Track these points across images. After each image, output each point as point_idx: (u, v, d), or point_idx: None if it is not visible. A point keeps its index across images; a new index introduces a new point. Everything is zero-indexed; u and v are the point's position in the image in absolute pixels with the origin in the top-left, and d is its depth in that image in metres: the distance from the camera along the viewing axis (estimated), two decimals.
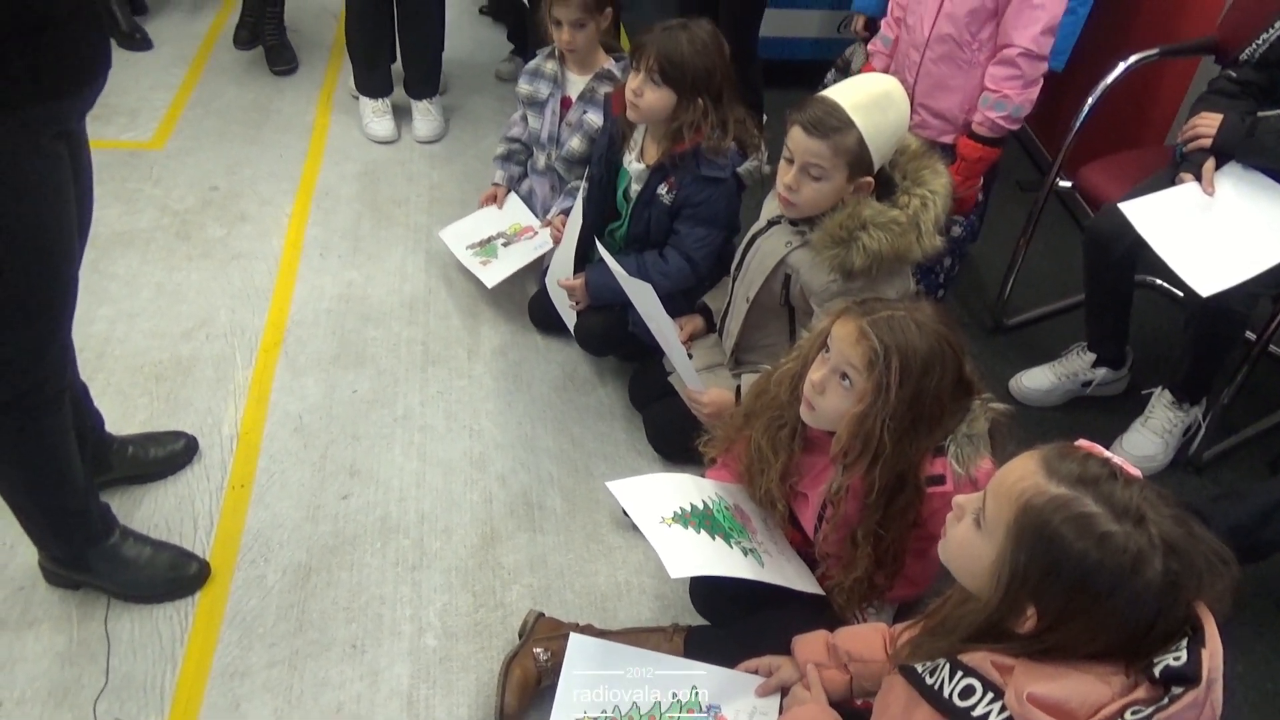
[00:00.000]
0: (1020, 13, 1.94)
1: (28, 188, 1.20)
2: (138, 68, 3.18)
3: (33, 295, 1.29)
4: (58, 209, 1.26)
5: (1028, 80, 1.99)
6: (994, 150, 2.07)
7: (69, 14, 1.15)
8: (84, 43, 1.21)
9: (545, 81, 2.36)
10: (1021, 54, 1.96)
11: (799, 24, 3.25)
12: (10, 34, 1.08)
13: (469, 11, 3.73)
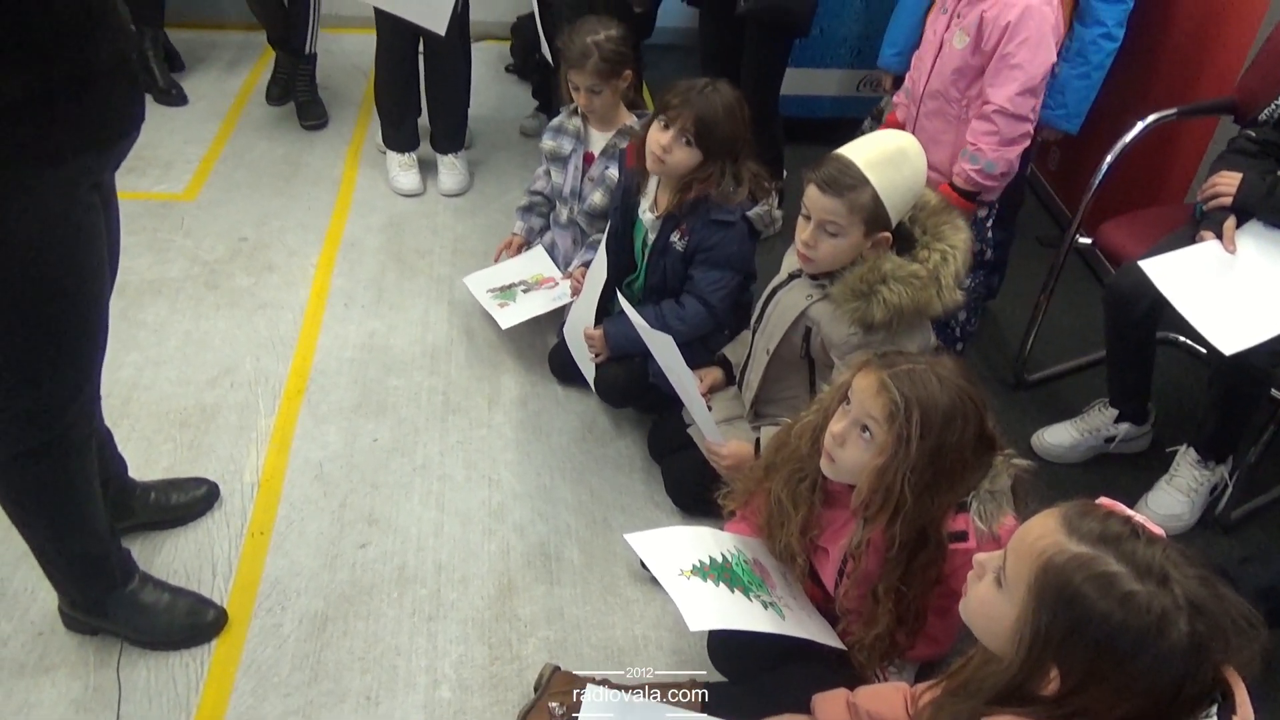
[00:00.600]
0: (999, 72, 1.96)
1: (68, 237, 1.24)
2: (173, 122, 3.27)
3: (67, 342, 1.32)
4: (93, 257, 1.30)
5: (1004, 138, 2.00)
6: (969, 204, 2.08)
7: (111, 68, 1.20)
8: (124, 96, 1.25)
9: (568, 137, 2.41)
10: (997, 111, 1.98)
11: (820, 82, 3.31)
12: (60, 88, 1.13)
13: (495, 69, 3.82)
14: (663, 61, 3.71)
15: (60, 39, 1.11)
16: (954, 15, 2.00)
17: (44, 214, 1.19)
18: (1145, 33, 2.61)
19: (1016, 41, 1.93)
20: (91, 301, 1.32)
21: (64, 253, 1.24)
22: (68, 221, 1.22)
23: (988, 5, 1.94)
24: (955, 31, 1.98)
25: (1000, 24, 1.92)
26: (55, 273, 1.24)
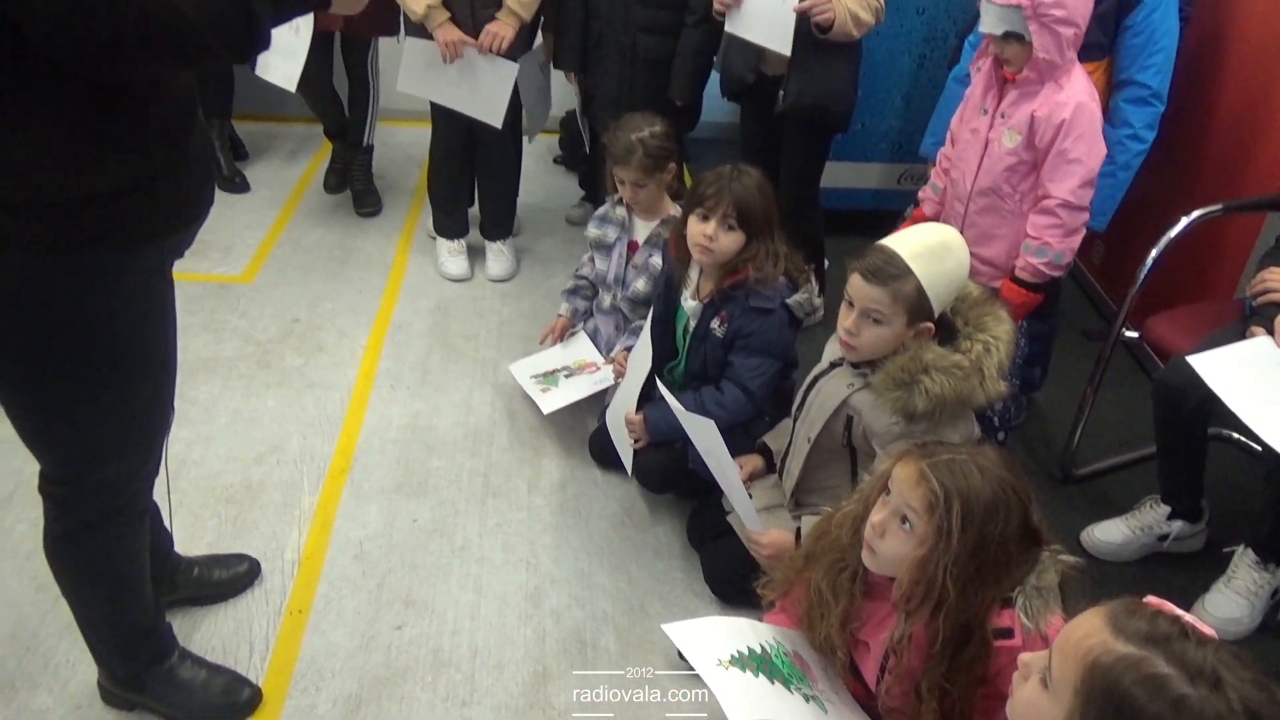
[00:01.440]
0: (1058, 167, 1.99)
1: (151, 313, 1.31)
2: (235, 208, 3.41)
3: (141, 416, 1.37)
4: (170, 333, 1.37)
5: (1068, 229, 2.03)
6: (1036, 295, 2.09)
7: (199, 152, 1.29)
8: (207, 181, 1.34)
9: (613, 226, 2.47)
10: (1060, 204, 2.00)
11: (861, 175, 3.36)
12: (161, 174, 1.21)
13: (543, 160, 3.95)
14: (706, 154, 3.80)
15: (166, 130, 1.20)
16: (997, 115, 2.04)
17: (132, 291, 1.26)
18: (1185, 128, 2.63)
19: (1073, 137, 1.96)
20: (166, 377, 1.39)
21: (146, 328, 1.31)
22: (151, 298, 1.30)
23: (1037, 105, 1.97)
24: (1003, 131, 2.02)
25: (1054, 122, 1.95)
26: (138, 347, 1.30)
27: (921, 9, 3.10)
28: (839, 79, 2.51)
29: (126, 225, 1.21)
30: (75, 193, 1.14)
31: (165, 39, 1.03)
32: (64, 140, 1.11)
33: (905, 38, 3.13)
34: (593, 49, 2.76)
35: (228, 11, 1.07)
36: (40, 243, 1.15)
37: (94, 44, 0.99)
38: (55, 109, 1.09)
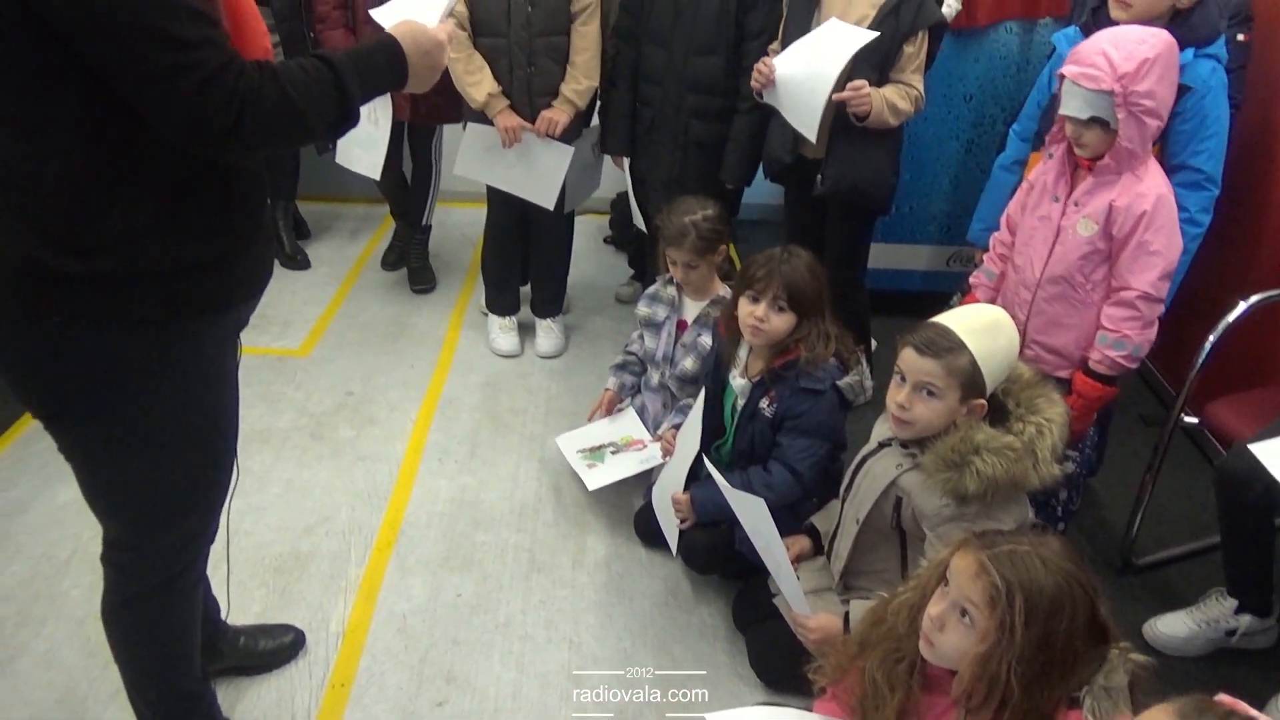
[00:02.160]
0: (1138, 258, 1.96)
1: (220, 381, 1.37)
2: (295, 284, 3.52)
3: (206, 482, 1.41)
4: (234, 402, 1.41)
5: (1146, 321, 1.99)
6: (1112, 388, 2.05)
7: (267, 229, 1.37)
8: (271, 254, 1.42)
9: (663, 305, 2.50)
10: (1140, 297, 1.97)
11: (908, 257, 3.38)
12: (237, 249, 1.27)
13: (594, 240, 4.03)
14: (754, 235, 3.85)
15: (245, 205, 1.28)
16: (1070, 203, 2.03)
17: (205, 360, 1.32)
18: (1241, 212, 2.61)
19: (1154, 229, 1.94)
20: (229, 445, 1.43)
21: (214, 397, 1.36)
22: (221, 367, 1.36)
23: (1116, 195, 1.95)
24: (1079, 219, 2.00)
25: (1135, 213, 1.93)
26: (205, 416, 1.36)
27: (969, 96, 3.14)
28: (877, 163, 2.54)
29: (206, 296, 1.27)
30: (164, 265, 1.20)
31: (275, 123, 1.12)
32: (160, 216, 1.18)
33: (953, 123, 3.17)
34: (644, 134, 2.83)
35: (326, 94, 1.16)
36: (126, 314, 1.21)
37: (215, 130, 1.08)
38: (156, 187, 1.17)
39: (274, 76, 1.12)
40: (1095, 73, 1.87)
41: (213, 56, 1.07)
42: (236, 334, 1.41)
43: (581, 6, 2.76)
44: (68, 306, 1.19)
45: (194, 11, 1.06)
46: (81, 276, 1.17)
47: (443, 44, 1.31)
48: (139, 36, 1.03)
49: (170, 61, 1.05)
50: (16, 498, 2.34)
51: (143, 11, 1.03)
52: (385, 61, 1.26)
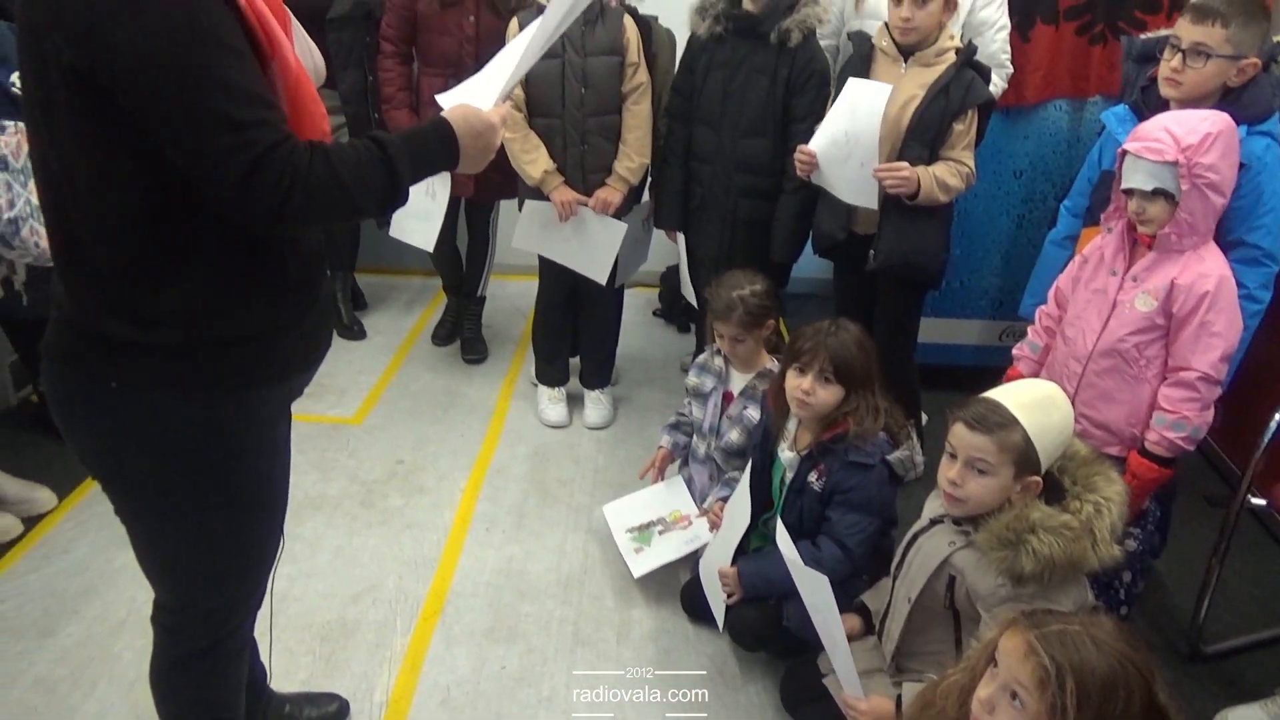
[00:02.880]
0: (1199, 339, 1.93)
1: (273, 448, 1.39)
2: (351, 354, 3.60)
3: (256, 546, 1.44)
4: (285, 470, 1.44)
5: (1205, 403, 1.95)
6: (1169, 470, 2.00)
7: (323, 301, 1.40)
8: (328, 325, 1.45)
9: (711, 376, 2.51)
10: (1200, 378, 1.93)
11: (960, 332, 3.35)
12: (291, 321, 1.31)
13: (643, 313, 4.07)
14: (803, 309, 3.86)
15: (300, 279, 1.31)
16: (1128, 277, 2.02)
17: (257, 429, 1.34)
18: None
19: (1215, 310, 1.91)
20: (281, 509, 1.45)
21: (265, 465, 1.38)
22: (273, 436, 1.38)
23: (1178, 272, 1.93)
24: (1137, 294, 1.98)
25: (1197, 292, 1.91)
26: (256, 483, 1.38)
27: (1019, 172, 3.15)
28: (930, 238, 2.55)
29: (259, 367, 1.30)
30: (218, 337, 1.24)
31: (324, 202, 1.15)
32: (216, 290, 1.22)
33: (1003, 199, 3.18)
34: (695, 211, 2.89)
35: (376, 174, 1.20)
36: (179, 383, 1.25)
37: (264, 209, 1.12)
38: (213, 262, 1.21)
39: (325, 156, 1.15)
40: (1159, 145, 1.88)
41: (265, 136, 1.10)
42: (289, 403, 1.44)
43: (632, 87, 2.84)
44: (124, 372, 1.24)
45: (251, 93, 1.10)
46: (139, 345, 1.22)
47: (495, 126, 1.33)
48: (196, 117, 1.08)
49: (225, 142, 1.08)
50: (76, 560, 2.39)
51: (201, 93, 1.07)
52: (438, 143, 1.28)
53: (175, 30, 1.06)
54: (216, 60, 1.08)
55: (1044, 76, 3.03)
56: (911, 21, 2.40)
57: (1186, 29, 2.06)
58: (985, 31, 2.71)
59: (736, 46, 2.68)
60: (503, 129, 1.36)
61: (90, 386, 1.26)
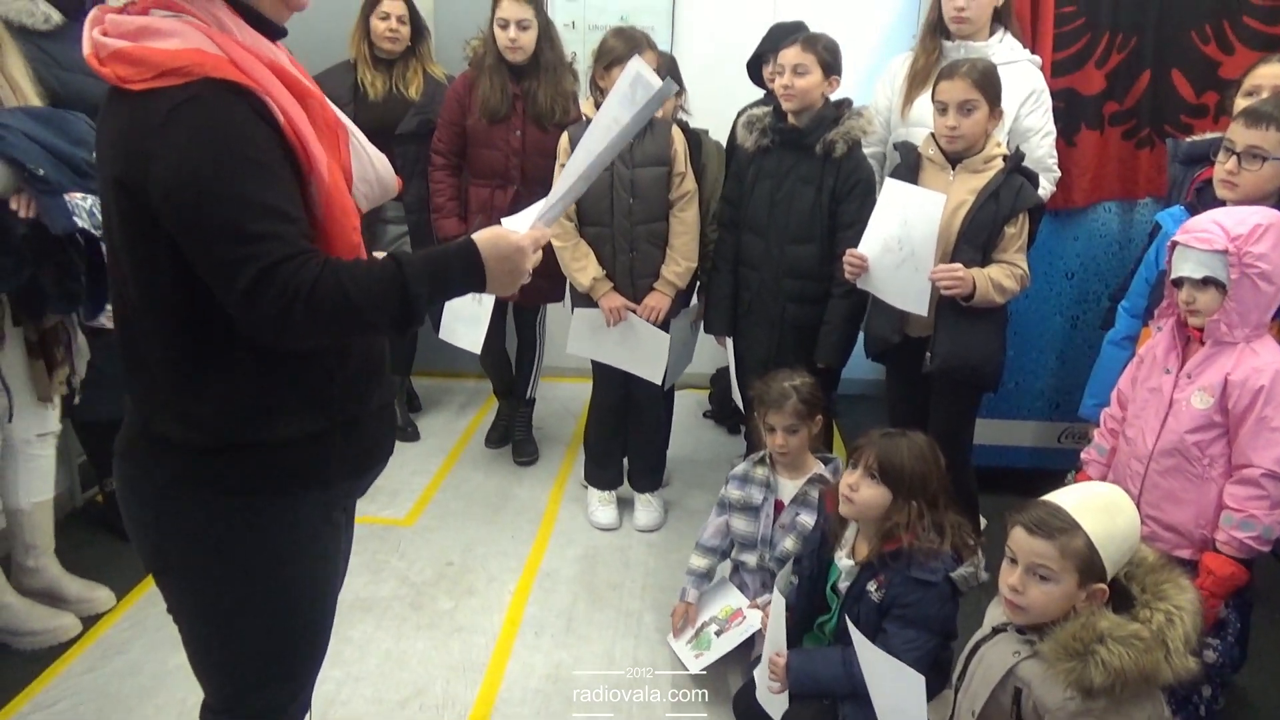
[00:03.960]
0: (1258, 434, 1.88)
1: (317, 553, 1.39)
2: (404, 455, 3.64)
3: (300, 650, 1.43)
4: (333, 574, 1.45)
5: (1275, 501, 1.88)
6: (1244, 570, 1.92)
7: (377, 412, 1.41)
8: (383, 434, 1.46)
9: (757, 486, 2.48)
10: (1265, 475, 1.87)
11: (1016, 434, 3.30)
12: (335, 429, 1.32)
13: (694, 414, 4.08)
14: (853, 410, 3.84)
15: (344, 392, 1.33)
16: (1182, 374, 1.99)
17: (301, 531, 1.35)
18: None
19: (1274, 404, 1.87)
20: (326, 615, 1.45)
21: (311, 567, 1.39)
22: (318, 539, 1.38)
23: (1232, 367, 1.90)
24: (1193, 392, 1.95)
25: (1252, 388, 1.88)
26: (299, 586, 1.38)
27: (1070, 273, 3.15)
28: (986, 340, 2.54)
29: (300, 472, 1.31)
30: (257, 440, 1.26)
31: (329, 317, 1.15)
32: (254, 393, 1.25)
33: (1055, 300, 3.17)
34: (743, 315, 2.92)
35: (387, 293, 1.18)
36: (219, 482, 1.28)
37: (265, 320, 1.14)
38: (250, 366, 1.24)
39: (336, 272, 1.15)
40: (1208, 235, 1.88)
41: (274, 250, 1.12)
42: (342, 509, 1.44)
43: (679, 195, 2.93)
44: (169, 468, 1.28)
45: (267, 207, 1.13)
46: (184, 443, 1.26)
47: (524, 249, 1.29)
48: (210, 227, 1.12)
49: (235, 254, 1.12)
50: (131, 660, 2.41)
51: (217, 205, 1.11)
52: (461, 265, 1.25)
53: (203, 145, 1.11)
54: (237, 174, 1.12)
55: (1092, 179, 3.05)
56: (958, 130, 2.45)
57: (1240, 133, 2.07)
58: (1031, 138, 2.76)
59: (783, 157, 2.76)
60: (533, 251, 1.30)
61: (142, 480, 1.31)
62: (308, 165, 1.19)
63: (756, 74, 3.29)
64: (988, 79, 2.43)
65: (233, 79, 1.14)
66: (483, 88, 3.18)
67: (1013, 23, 2.82)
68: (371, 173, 1.35)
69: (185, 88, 1.12)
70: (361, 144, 1.34)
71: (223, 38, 1.17)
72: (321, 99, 1.25)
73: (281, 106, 1.17)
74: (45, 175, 2.07)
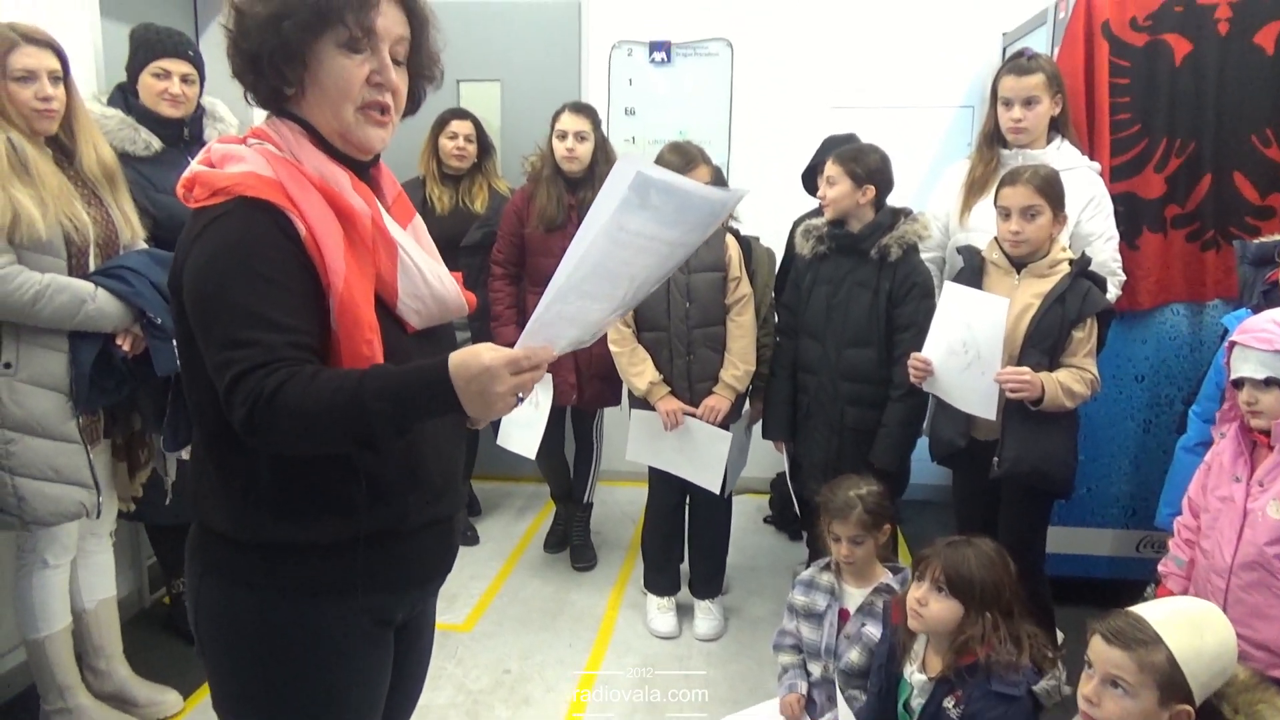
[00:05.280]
0: None
1: (337, 665, 1.34)
2: (464, 560, 3.64)
3: None
4: (362, 689, 1.38)
5: None
6: None
7: (420, 527, 1.37)
8: (431, 550, 1.41)
9: (822, 594, 2.42)
10: None
11: (1092, 542, 3.17)
12: (365, 539, 1.30)
13: (754, 519, 4.02)
14: (919, 517, 3.74)
15: (375, 502, 1.30)
16: (1253, 482, 1.91)
17: (328, 639, 1.32)
18: None
19: None
20: None
21: (336, 676, 1.34)
22: (339, 651, 1.33)
23: None
24: (1267, 501, 1.87)
25: None
26: (330, 695, 1.35)
27: (1140, 376, 3.08)
28: (1056, 445, 2.48)
29: (319, 581, 1.30)
30: (287, 540, 1.27)
31: (288, 424, 1.15)
32: (274, 493, 1.27)
33: (1126, 404, 3.10)
34: (801, 419, 2.91)
35: (346, 405, 1.14)
36: (247, 580, 1.30)
37: (239, 421, 1.16)
38: (279, 466, 1.25)
39: (301, 381, 1.14)
40: (1268, 335, 1.83)
41: (253, 356, 1.15)
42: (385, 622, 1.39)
43: (736, 299, 2.97)
44: (207, 556, 1.32)
45: (258, 317, 1.17)
46: (221, 532, 1.30)
47: (490, 369, 1.14)
48: (210, 334, 1.19)
49: (221, 358, 1.17)
50: None
51: (217, 314, 1.18)
52: (424, 382, 1.17)
53: (218, 256, 1.19)
54: (238, 285, 1.18)
55: (1157, 282, 3.02)
56: (1021, 234, 2.46)
57: None
58: (1093, 242, 2.74)
59: (839, 263, 2.79)
60: (510, 374, 1.15)
61: (194, 572, 1.35)
62: (325, 278, 1.23)
63: (812, 184, 3.36)
64: (1050, 185, 2.45)
65: (265, 198, 1.21)
66: (540, 198, 3.31)
67: (1069, 130, 2.84)
68: (424, 290, 1.34)
69: (223, 205, 1.21)
70: (415, 262, 1.33)
71: (281, 162, 1.25)
72: (366, 219, 1.28)
73: (308, 223, 1.22)
74: (163, 324, 2.23)
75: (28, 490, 2.15)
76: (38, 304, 2.10)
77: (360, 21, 1.23)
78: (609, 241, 1.13)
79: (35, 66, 2.14)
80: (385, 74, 1.27)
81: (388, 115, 1.30)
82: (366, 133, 1.29)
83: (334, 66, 1.24)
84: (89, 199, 2.28)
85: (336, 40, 1.23)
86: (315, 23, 1.22)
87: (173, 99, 2.62)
